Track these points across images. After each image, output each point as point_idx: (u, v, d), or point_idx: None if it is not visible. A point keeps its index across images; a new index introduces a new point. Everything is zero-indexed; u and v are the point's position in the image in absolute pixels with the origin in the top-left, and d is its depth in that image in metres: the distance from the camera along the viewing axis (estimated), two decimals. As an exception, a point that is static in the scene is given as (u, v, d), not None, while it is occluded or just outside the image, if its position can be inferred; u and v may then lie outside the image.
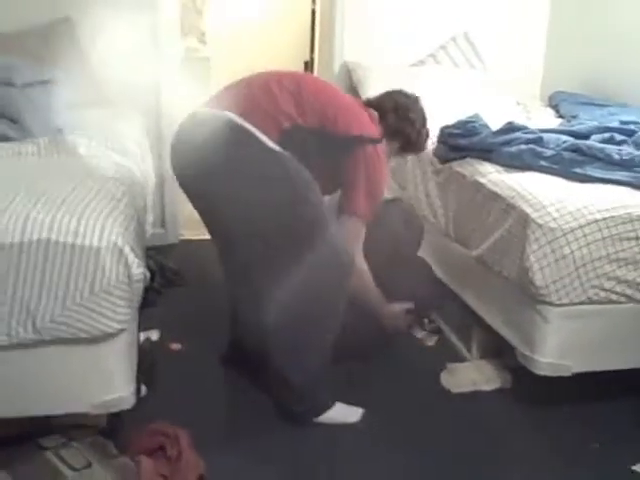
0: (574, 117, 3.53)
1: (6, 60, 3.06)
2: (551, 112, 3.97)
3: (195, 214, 2.58)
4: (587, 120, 3.29)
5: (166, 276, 3.48)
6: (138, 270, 2.09)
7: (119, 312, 2.07)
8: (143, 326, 2.65)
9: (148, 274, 2.23)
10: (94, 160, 2.63)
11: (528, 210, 2.44)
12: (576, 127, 3.07)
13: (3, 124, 2.85)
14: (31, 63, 3.12)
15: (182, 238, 4.21)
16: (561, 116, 3.82)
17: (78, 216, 2.05)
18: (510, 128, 2.93)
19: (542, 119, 3.67)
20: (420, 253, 3.19)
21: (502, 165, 2.80)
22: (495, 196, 2.65)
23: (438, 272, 3.17)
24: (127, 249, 2.06)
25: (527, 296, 2.48)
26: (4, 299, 2.00)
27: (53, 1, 3.70)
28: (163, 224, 4.13)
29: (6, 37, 3.48)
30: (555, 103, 4.04)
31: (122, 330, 2.12)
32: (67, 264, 2.01)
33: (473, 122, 3.04)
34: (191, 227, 4.17)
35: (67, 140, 2.85)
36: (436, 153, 3.15)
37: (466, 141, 2.96)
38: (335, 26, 4.31)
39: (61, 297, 2.02)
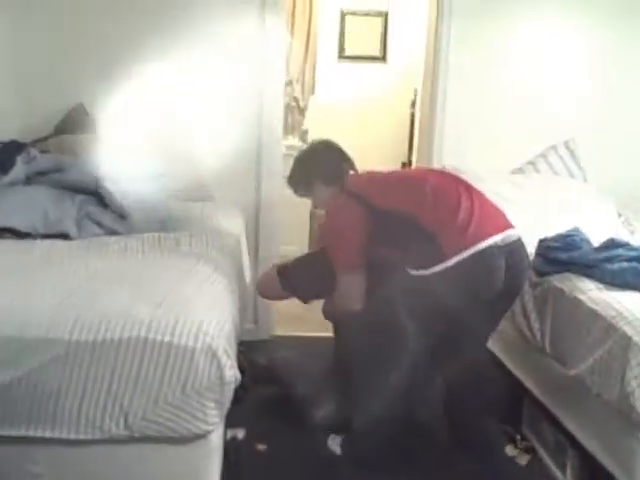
0: (680, 232, 3.43)
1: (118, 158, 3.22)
2: (655, 226, 3.87)
3: (291, 310, 2.67)
4: (693, 237, 3.20)
5: (256, 373, 3.48)
6: (230, 372, 2.10)
7: (209, 414, 2.08)
8: (229, 423, 2.65)
9: (239, 375, 2.24)
10: (195, 258, 2.71)
11: (630, 332, 2.35)
12: (681, 245, 2.98)
13: (111, 219, 2.98)
14: (140, 160, 3.27)
15: (274, 334, 4.22)
16: (665, 230, 3.72)
17: (176, 315, 2.10)
18: (612, 244, 2.86)
19: (646, 234, 3.58)
20: (513, 368, 3.12)
21: (603, 282, 2.73)
22: (595, 315, 2.56)
23: (532, 388, 3.07)
24: (221, 351, 2.08)
25: (628, 423, 2.36)
26: (99, 394, 2.04)
27: (167, 103, 3.91)
28: (256, 319, 4.16)
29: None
30: (659, 216, 3.94)
31: (211, 431, 2.12)
32: (162, 363, 2.05)
33: (573, 236, 2.98)
34: (284, 324, 4.22)
35: (170, 236, 2.95)
36: (534, 266, 3.08)
37: (566, 255, 2.90)
38: (434, 130, 4.36)
39: (154, 395, 2.05)
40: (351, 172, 3.04)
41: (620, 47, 4.36)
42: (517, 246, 2.70)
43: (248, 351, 3.60)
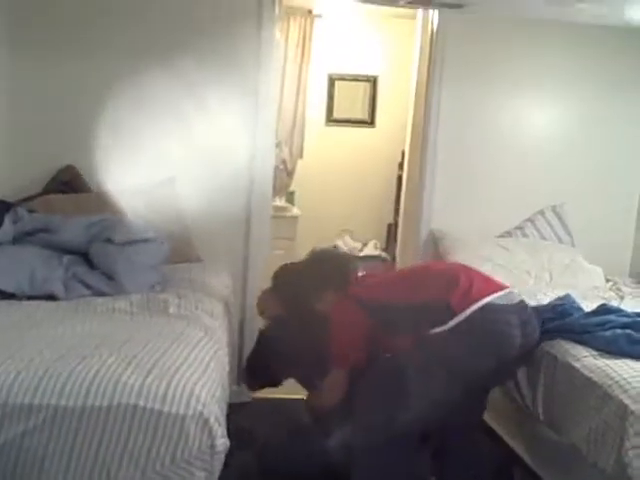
0: (669, 299, 3.43)
1: (109, 218, 3.19)
2: (643, 291, 3.87)
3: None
4: (683, 304, 3.20)
5: (240, 437, 3.39)
6: (221, 441, 2.05)
7: (198, 484, 2.02)
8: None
9: (228, 443, 2.18)
10: (184, 320, 2.67)
11: (627, 401, 2.33)
12: (673, 311, 2.97)
13: (99, 280, 2.94)
14: (131, 221, 3.25)
15: (255, 396, 4.15)
16: (654, 296, 3.72)
17: (167, 382, 2.05)
18: (604, 310, 2.85)
19: (635, 299, 3.57)
20: (505, 434, 3.06)
21: (596, 349, 2.71)
22: (590, 383, 2.54)
23: (524, 456, 3.02)
24: (213, 419, 2.03)
25: (624, 493, 2.32)
26: (85, 462, 1.98)
27: (158, 163, 3.91)
28: (239, 381, 4.09)
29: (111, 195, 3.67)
30: (647, 281, 3.96)
31: (199, 502, 2.06)
32: (152, 430, 1.99)
33: (564, 305, 2.97)
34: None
35: (159, 298, 2.91)
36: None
37: (558, 322, 2.88)
38: (423, 193, 4.38)
39: (142, 464, 1.99)
40: (355, 273, 3.11)
41: (610, 114, 4.46)
42: (524, 305, 2.78)
43: (231, 414, 3.52)
